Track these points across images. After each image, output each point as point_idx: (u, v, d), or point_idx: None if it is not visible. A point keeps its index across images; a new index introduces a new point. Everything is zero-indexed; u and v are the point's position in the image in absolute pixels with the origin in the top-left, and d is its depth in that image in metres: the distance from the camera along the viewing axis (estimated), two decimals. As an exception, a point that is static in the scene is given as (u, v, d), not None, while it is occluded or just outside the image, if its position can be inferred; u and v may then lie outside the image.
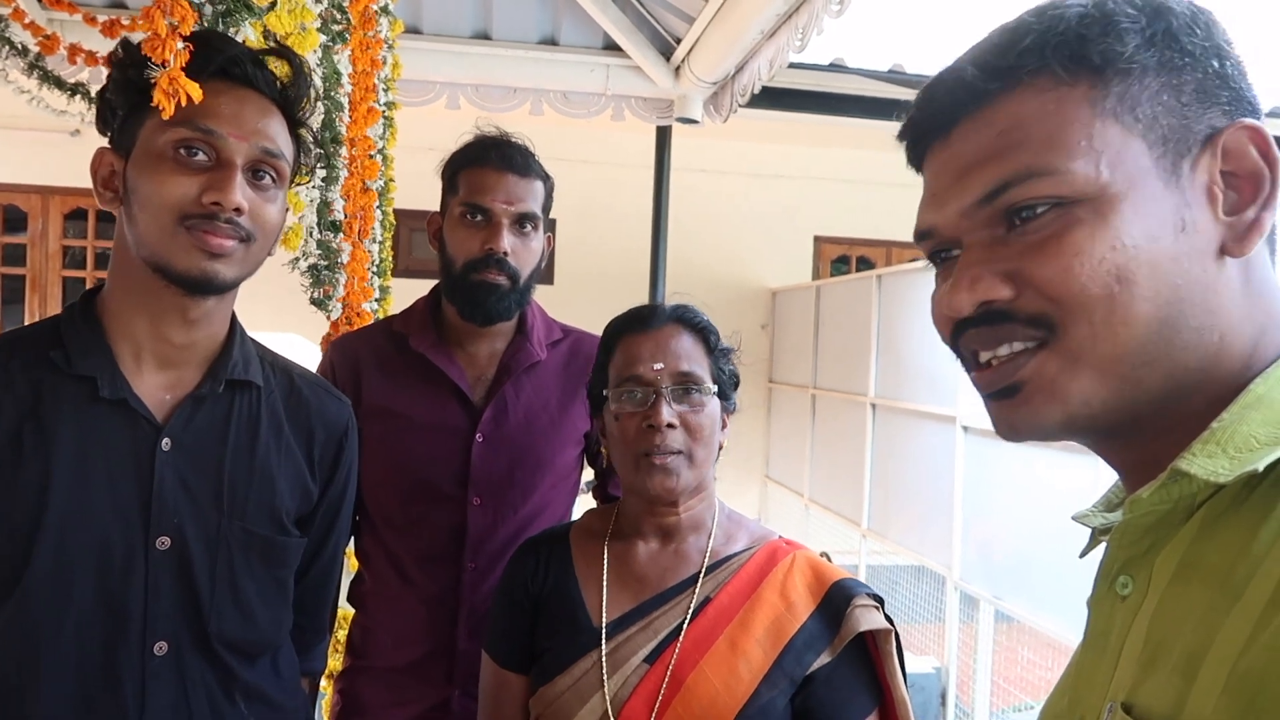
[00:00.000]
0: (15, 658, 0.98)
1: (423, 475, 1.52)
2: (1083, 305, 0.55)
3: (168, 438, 1.04)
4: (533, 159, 1.55)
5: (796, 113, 4.66)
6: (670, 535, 1.22)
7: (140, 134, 1.00)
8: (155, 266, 1.00)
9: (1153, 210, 0.55)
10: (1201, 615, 0.51)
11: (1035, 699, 4.31)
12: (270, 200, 1.04)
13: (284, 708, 1.17)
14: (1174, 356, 0.56)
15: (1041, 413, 0.58)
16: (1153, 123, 0.56)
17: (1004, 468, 3.82)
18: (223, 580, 1.07)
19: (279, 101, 1.06)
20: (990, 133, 0.59)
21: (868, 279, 5.25)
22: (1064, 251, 0.55)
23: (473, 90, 3.76)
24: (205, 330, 1.07)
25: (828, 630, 1.13)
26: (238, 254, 1.01)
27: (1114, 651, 0.58)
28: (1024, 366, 0.58)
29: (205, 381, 1.08)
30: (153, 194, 0.98)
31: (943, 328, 0.64)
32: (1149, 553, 0.58)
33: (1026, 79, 0.58)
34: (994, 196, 0.58)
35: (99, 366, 1.02)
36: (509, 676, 1.24)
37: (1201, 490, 0.55)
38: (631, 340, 1.21)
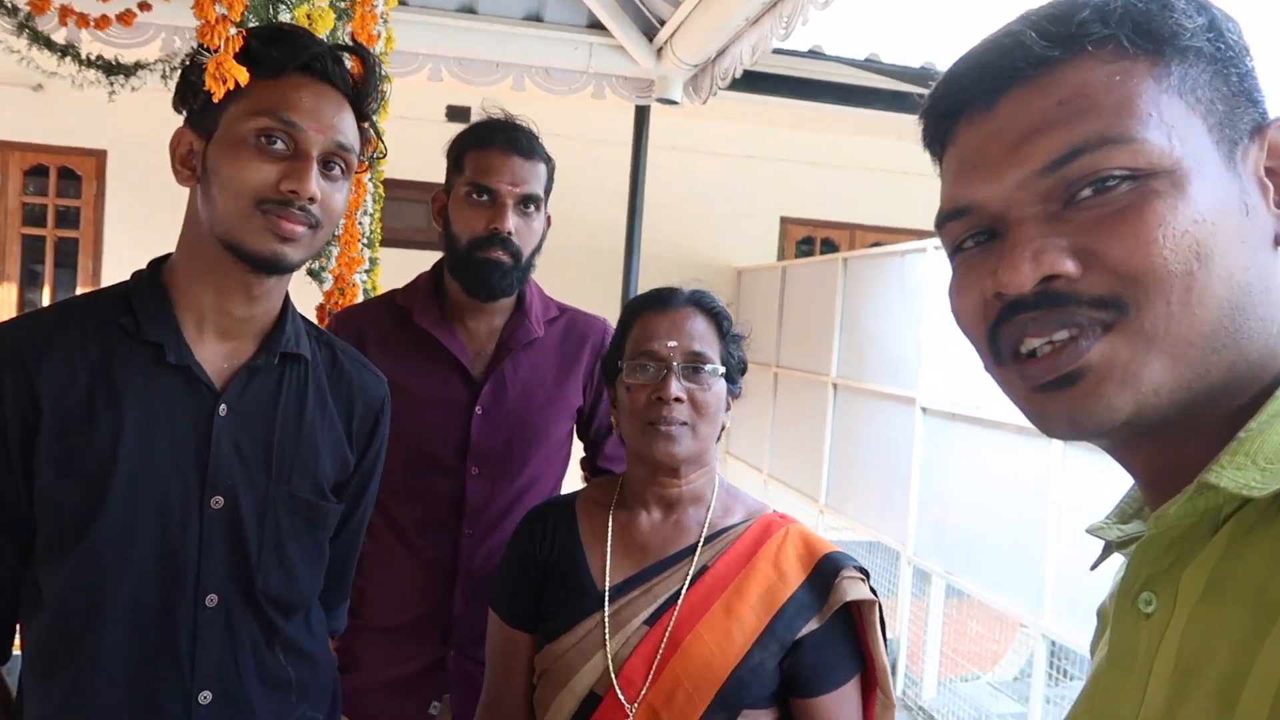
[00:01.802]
0: (80, 603, 1.04)
1: (425, 447, 1.58)
2: (1161, 282, 0.51)
3: (225, 404, 1.10)
4: (537, 142, 1.60)
5: (773, 96, 4.73)
6: (671, 506, 1.29)
7: (223, 119, 1.05)
8: (228, 244, 1.05)
9: (1219, 189, 0.53)
10: (1237, 636, 0.49)
11: (982, 670, 4.50)
12: (338, 190, 1.10)
13: (316, 661, 1.24)
14: (1240, 345, 0.53)
15: (1113, 402, 0.53)
16: (1211, 106, 0.54)
17: (960, 449, 3.95)
18: (269, 539, 1.13)
19: (351, 97, 1.11)
20: (1049, 100, 0.55)
21: (833, 261, 5.34)
22: (1146, 224, 0.51)
23: (455, 64, 3.77)
24: (264, 305, 1.13)
25: (817, 599, 1.21)
26: (305, 238, 1.07)
27: (1142, 672, 0.55)
28: (1088, 352, 0.53)
29: (260, 353, 1.14)
30: (233, 177, 1.03)
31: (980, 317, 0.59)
32: (1173, 568, 0.55)
33: (1090, 48, 0.54)
34: (1059, 165, 0.54)
35: (165, 334, 1.07)
36: (516, 635, 1.30)
37: (1229, 503, 0.52)
38: (649, 318, 1.28)
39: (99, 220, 5.91)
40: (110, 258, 5.88)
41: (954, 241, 0.62)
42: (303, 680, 1.20)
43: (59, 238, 5.93)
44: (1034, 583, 3.37)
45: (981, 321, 0.59)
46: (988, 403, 3.68)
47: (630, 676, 1.18)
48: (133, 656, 1.06)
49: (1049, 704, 3.48)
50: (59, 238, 5.93)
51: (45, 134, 5.72)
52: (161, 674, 1.07)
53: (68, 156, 5.88)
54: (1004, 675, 4.51)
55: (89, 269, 5.92)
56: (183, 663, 1.07)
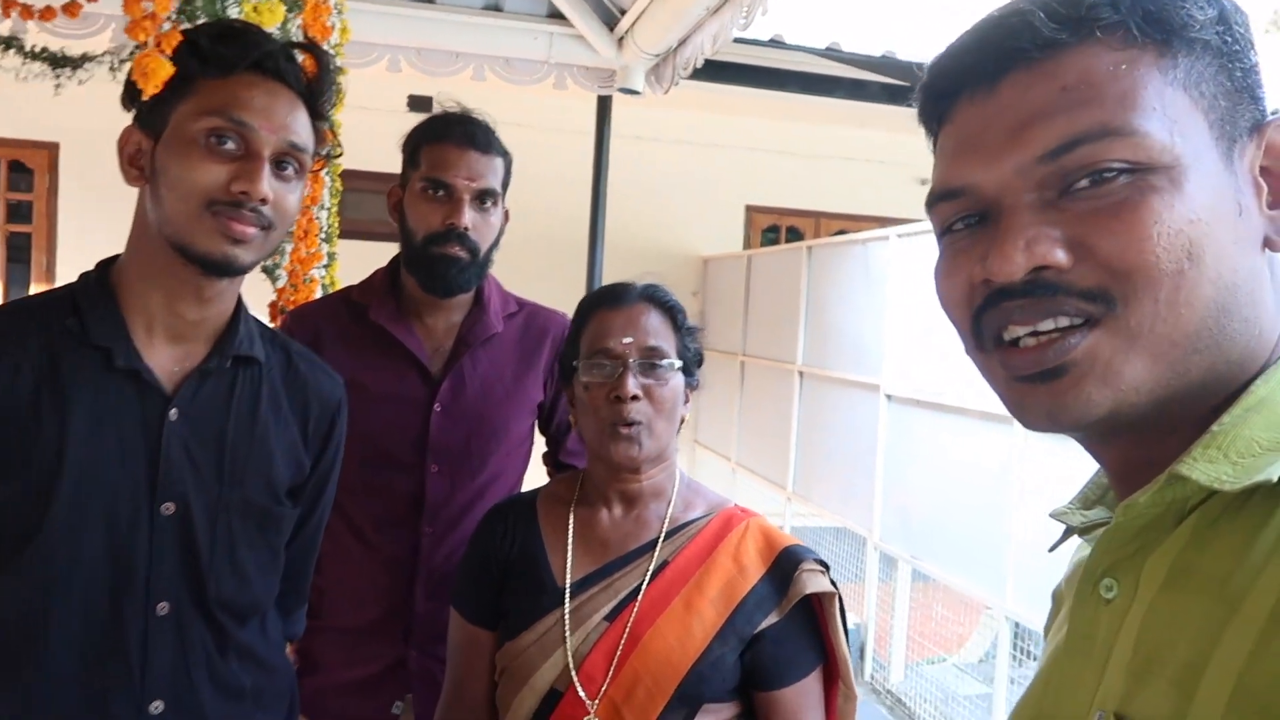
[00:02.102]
0: (27, 612, 1.02)
1: (382, 444, 1.56)
2: (1151, 280, 0.51)
3: (175, 408, 1.08)
4: (494, 135, 1.59)
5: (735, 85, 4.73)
6: (632, 502, 1.29)
7: (173, 118, 1.03)
8: (177, 246, 1.03)
9: (1216, 188, 0.52)
10: (1198, 625, 0.49)
11: (947, 652, 4.56)
12: (291, 191, 1.08)
13: (272, 666, 1.22)
14: (1221, 346, 0.53)
15: (1092, 399, 0.53)
16: (1213, 101, 0.54)
17: (923, 435, 3.99)
18: (222, 546, 1.12)
19: (305, 95, 1.10)
20: (1052, 85, 0.54)
21: (798, 249, 5.36)
22: (1141, 220, 0.51)
23: (415, 54, 3.72)
24: (216, 308, 1.11)
25: (776, 592, 1.21)
26: (257, 240, 1.05)
27: (1100, 657, 0.55)
28: (1075, 347, 0.53)
29: (212, 356, 1.12)
30: (182, 177, 1.01)
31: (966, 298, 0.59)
32: (1136, 556, 0.55)
33: (1099, 34, 0.53)
34: (1059, 154, 0.53)
35: (113, 337, 1.05)
36: (477, 632, 1.30)
37: (1195, 494, 0.53)
38: (603, 315, 1.27)
39: (52, 214, 5.78)
40: (64, 252, 5.75)
41: (944, 222, 0.61)
42: (258, 687, 1.19)
43: (11, 232, 5.79)
44: (997, 566, 3.41)
45: (966, 305, 0.59)
46: (950, 389, 3.72)
47: (590, 673, 1.18)
48: (82, 665, 1.04)
49: (1013, 684, 3.54)
50: (11, 232, 5.79)
51: (-14, 126, 5.58)
52: (112, 683, 1.05)
53: (19, 149, 5.74)
54: (969, 657, 4.58)
55: (43, 264, 5.80)
56: (133, 671, 1.06)
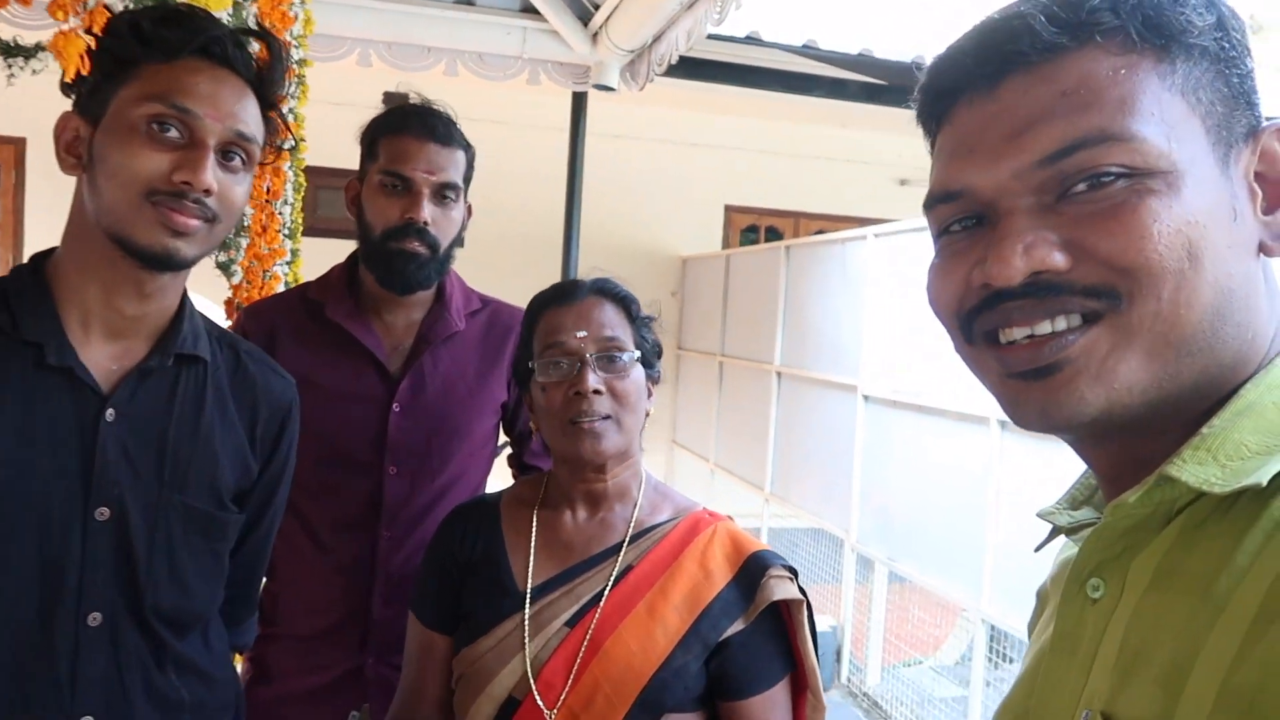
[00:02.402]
0: None
1: (338, 444, 1.52)
2: (1155, 278, 0.51)
3: (112, 408, 1.03)
4: (455, 128, 1.54)
5: (712, 83, 4.70)
6: (597, 504, 1.25)
7: (113, 104, 0.99)
8: (115, 238, 0.98)
9: (1212, 193, 0.53)
10: (1183, 625, 0.50)
11: (924, 655, 4.55)
12: (238, 182, 1.04)
13: (214, 680, 1.18)
14: (1215, 350, 0.53)
15: (1085, 397, 0.54)
16: (1210, 108, 0.54)
17: (901, 436, 3.98)
18: (161, 553, 1.07)
19: (254, 84, 1.05)
20: (1052, 90, 0.54)
21: (776, 249, 5.35)
22: (1139, 220, 0.51)
23: (385, 48, 3.66)
24: (158, 303, 1.06)
25: (743, 599, 1.18)
26: (201, 233, 1.01)
27: (1086, 656, 0.56)
28: (1071, 345, 0.54)
29: (153, 354, 1.07)
30: (121, 166, 0.97)
31: (959, 299, 0.59)
32: (1123, 555, 0.56)
33: (1099, 38, 0.54)
34: (1057, 158, 0.54)
35: (46, 332, 1.00)
36: (434, 637, 1.26)
37: (1183, 495, 0.53)
38: (555, 312, 1.23)
39: (19, 210, 5.70)
40: (31, 249, 5.57)
41: (941, 224, 0.61)
42: (198, 700, 1.14)
43: (-25, 228, 5.70)
44: (974, 568, 3.40)
45: (958, 305, 0.59)
46: (928, 390, 3.71)
47: (550, 680, 1.14)
48: (6, 677, 0.99)
49: (989, 687, 3.53)
50: (-25, 228, 5.70)
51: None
52: (38, 697, 1.00)
53: (-16, 144, 5.65)
54: (946, 660, 4.57)
55: (8, 260, 5.70)
56: (62, 685, 1.01)
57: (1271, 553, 0.48)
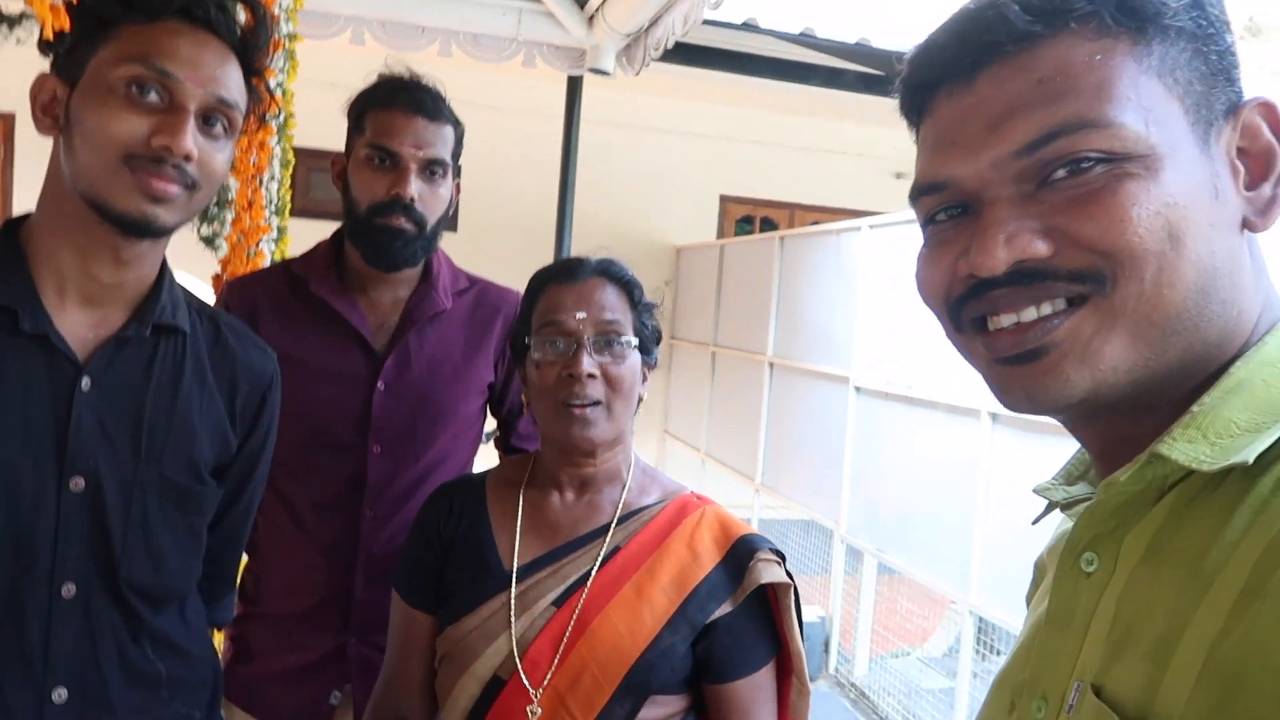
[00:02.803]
0: None
1: (321, 422, 1.50)
2: (1137, 259, 0.52)
3: (88, 377, 1.01)
4: (443, 103, 1.52)
5: (708, 69, 4.67)
6: (585, 486, 1.24)
7: (91, 65, 0.96)
8: (92, 202, 0.96)
9: (1192, 174, 0.53)
10: (1172, 599, 0.51)
11: (912, 646, 4.55)
12: (220, 149, 1.02)
13: (191, 655, 1.16)
14: (1200, 328, 0.54)
15: (1071, 379, 0.55)
16: (1188, 87, 0.55)
17: (891, 428, 3.97)
18: (136, 525, 1.05)
19: (238, 49, 1.03)
20: (1028, 79, 0.55)
21: (770, 240, 5.33)
22: (1118, 204, 0.52)
23: (379, 26, 3.63)
24: (136, 271, 1.04)
25: (730, 581, 1.17)
26: (180, 200, 0.98)
27: (1079, 629, 0.57)
28: (1056, 329, 0.55)
29: (131, 323, 1.05)
30: (98, 128, 0.94)
31: (946, 287, 0.60)
32: (1116, 531, 0.57)
33: (1074, 24, 0.54)
34: (1036, 147, 0.54)
35: (20, 298, 0.98)
36: (417, 616, 1.25)
37: (1174, 472, 0.54)
38: (556, 290, 1.22)
39: (7, 185, 5.65)
40: None
41: (927, 213, 0.62)
42: (175, 675, 1.13)
43: (-35, 204, 5.65)
44: (963, 560, 3.40)
45: (946, 294, 0.60)
46: (919, 382, 3.70)
47: (535, 660, 1.13)
48: None
49: (976, 678, 3.53)
50: (-35, 204, 5.65)
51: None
52: (9, 668, 0.98)
53: (-28, 121, 5.60)
54: (934, 651, 4.57)
55: (-4, 239, 5.66)
56: (34, 657, 0.99)
57: (1258, 529, 0.48)
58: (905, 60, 0.63)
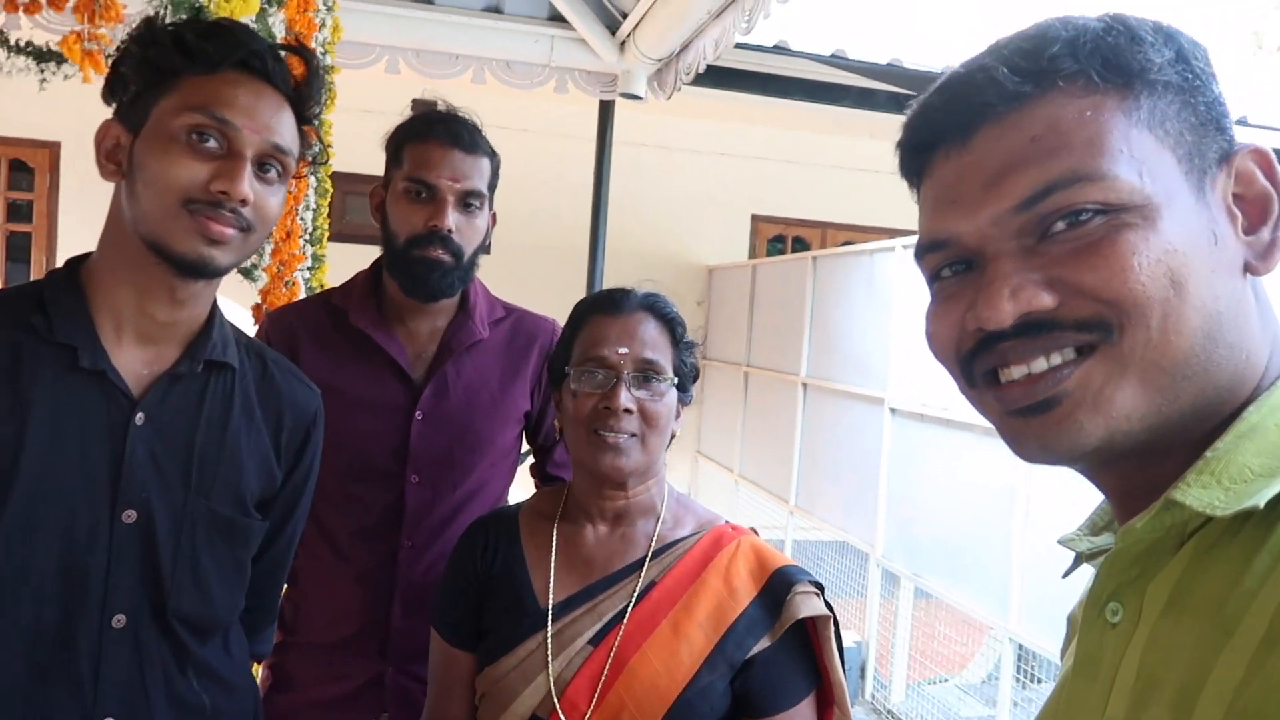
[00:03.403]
0: None
1: (360, 452, 1.51)
2: (1141, 306, 0.53)
3: (142, 412, 1.04)
4: (480, 135, 1.53)
5: (740, 92, 4.68)
6: (619, 519, 1.23)
7: (154, 113, 1.01)
8: (152, 244, 1.00)
9: (1189, 221, 0.54)
10: (1194, 649, 0.50)
11: (949, 673, 4.47)
12: (273, 194, 1.06)
13: (234, 687, 1.18)
14: (1210, 373, 0.54)
15: (1085, 428, 0.55)
16: (1180, 138, 0.55)
17: (928, 451, 3.92)
18: (185, 557, 1.08)
19: (291, 98, 1.08)
20: (1021, 137, 0.56)
21: (803, 260, 5.31)
22: (1119, 253, 0.53)
23: (413, 55, 3.68)
24: (190, 310, 1.08)
25: (768, 616, 1.15)
26: (235, 242, 1.03)
27: (1106, 681, 0.57)
28: (1067, 378, 0.55)
29: (184, 360, 1.09)
30: (160, 174, 0.99)
31: (955, 342, 0.61)
32: (1139, 580, 0.56)
33: (1061, 83, 0.55)
34: (1033, 203, 0.55)
35: (80, 336, 1.02)
36: (457, 654, 1.25)
37: (1193, 519, 0.53)
38: (599, 321, 1.22)
39: (52, 214, 5.77)
40: (65, 252, 5.65)
41: (932, 270, 0.63)
42: (218, 707, 1.14)
43: (11, 231, 5.78)
44: (1002, 586, 3.34)
45: (956, 348, 0.61)
46: (956, 404, 3.65)
47: (574, 700, 1.12)
48: (29, 677, 0.99)
49: (1016, 707, 3.46)
50: (11, 231, 5.78)
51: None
52: (59, 697, 1.00)
53: (19, 148, 5.73)
54: (972, 678, 4.49)
55: (42, 263, 5.78)
56: (84, 687, 1.01)
57: (1278, 576, 0.48)
58: (902, 124, 0.64)
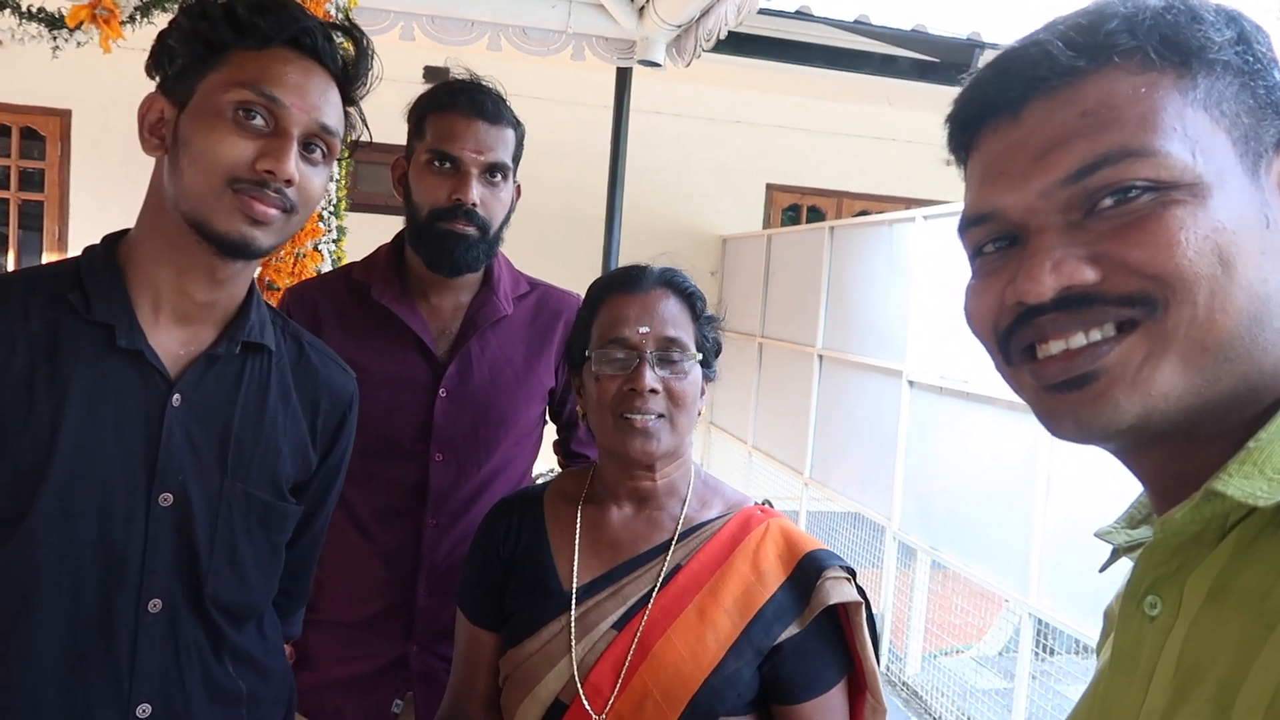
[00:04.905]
0: (10, 603, 0.96)
1: (383, 430, 1.48)
2: (1188, 282, 0.52)
3: (179, 394, 1.02)
4: (504, 105, 1.49)
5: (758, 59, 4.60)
6: (645, 501, 1.21)
7: (200, 87, 0.98)
8: (193, 223, 0.98)
9: (1241, 202, 0.54)
10: (1236, 643, 0.50)
11: (965, 644, 4.47)
12: (318, 175, 1.04)
13: (269, 670, 1.17)
14: (1254, 356, 0.53)
15: (1120, 405, 0.54)
16: (1236, 119, 0.55)
17: (946, 423, 3.89)
18: (222, 541, 1.06)
19: (340, 78, 1.05)
20: (1074, 111, 0.56)
21: (819, 230, 5.24)
22: (1167, 229, 0.52)
23: (429, 21, 3.61)
24: (228, 291, 1.06)
25: (798, 602, 1.13)
26: (278, 223, 1.00)
27: (1144, 674, 0.56)
28: (1106, 354, 0.55)
29: (221, 341, 1.07)
30: (206, 150, 0.96)
31: (994, 317, 0.60)
32: (1178, 573, 0.56)
33: (1117, 59, 0.55)
34: (1082, 175, 0.55)
35: (117, 315, 1.00)
36: (481, 634, 1.24)
37: (1235, 511, 0.53)
38: (617, 301, 1.19)
39: (64, 183, 5.74)
40: (77, 221, 5.72)
41: (975, 245, 0.63)
42: (254, 692, 1.13)
43: (23, 200, 5.76)
44: (1020, 559, 3.32)
45: (994, 324, 0.60)
46: (975, 376, 3.62)
47: (597, 684, 1.11)
48: (65, 664, 0.98)
49: (1034, 680, 3.45)
50: (23, 200, 5.76)
51: (7, 93, 5.53)
52: (96, 683, 0.99)
53: (31, 116, 5.68)
54: (988, 650, 4.49)
55: (54, 233, 5.76)
56: (121, 672, 1.00)
57: None
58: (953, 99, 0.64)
